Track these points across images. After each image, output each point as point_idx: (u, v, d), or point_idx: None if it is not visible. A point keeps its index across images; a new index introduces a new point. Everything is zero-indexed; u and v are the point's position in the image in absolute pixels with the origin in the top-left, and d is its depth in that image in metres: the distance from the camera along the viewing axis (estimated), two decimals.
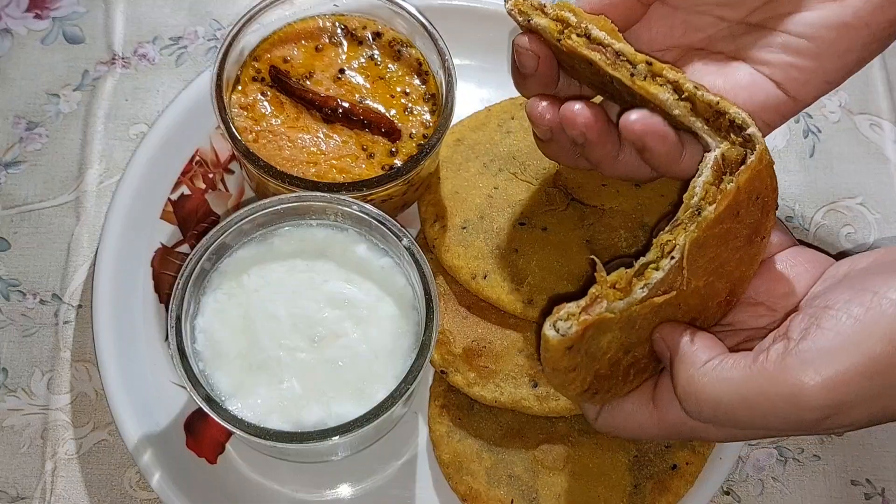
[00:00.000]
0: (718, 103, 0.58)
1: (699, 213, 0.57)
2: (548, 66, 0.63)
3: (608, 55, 0.60)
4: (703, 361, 0.56)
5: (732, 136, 0.58)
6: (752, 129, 0.57)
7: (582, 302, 0.55)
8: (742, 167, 0.57)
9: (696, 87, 0.59)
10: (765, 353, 0.54)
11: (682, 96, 0.59)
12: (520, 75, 0.64)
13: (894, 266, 0.57)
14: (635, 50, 0.60)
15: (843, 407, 0.52)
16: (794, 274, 0.62)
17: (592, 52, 0.60)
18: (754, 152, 0.57)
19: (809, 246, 0.66)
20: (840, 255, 0.69)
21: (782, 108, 0.62)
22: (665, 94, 0.59)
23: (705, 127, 0.59)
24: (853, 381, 0.52)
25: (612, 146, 0.62)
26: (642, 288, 0.56)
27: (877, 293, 0.53)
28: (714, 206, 0.56)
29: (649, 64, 0.59)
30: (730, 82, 0.62)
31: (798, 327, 0.55)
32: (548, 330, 0.55)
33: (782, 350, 0.54)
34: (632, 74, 0.59)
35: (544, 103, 0.62)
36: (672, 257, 0.56)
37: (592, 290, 0.56)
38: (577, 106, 0.61)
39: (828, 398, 0.52)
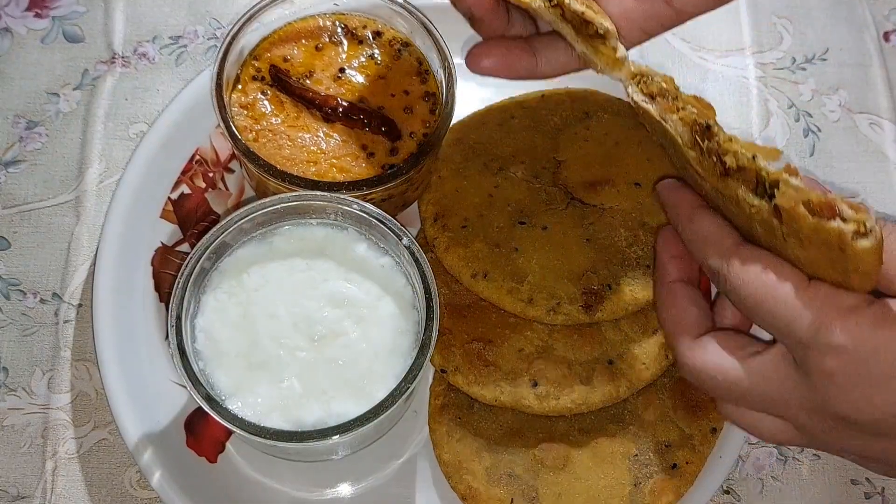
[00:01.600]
0: (584, 13, 0.59)
1: (709, 127, 0.56)
2: None
3: None
4: None
5: (600, 45, 0.60)
6: (620, 52, 0.60)
7: (850, 212, 0.51)
8: (665, 92, 0.59)
9: None
10: None
11: (553, 3, 0.60)
12: None
13: None
14: None
15: None
16: None
17: None
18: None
19: None
20: None
21: (663, 18, 0.63)
22: (537, 2, 0.60)
23: (573, 33, 0.60)
24: None
25: (500, 24, 0.65)
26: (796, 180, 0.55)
27: None
28: (712, 120, 0.57)
29: None
30: None
31: None
32: (863, 241, 0.50)
33: None
34: None
35: None
36: (754, 156, 0.56)
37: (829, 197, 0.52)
38: None
39: None
